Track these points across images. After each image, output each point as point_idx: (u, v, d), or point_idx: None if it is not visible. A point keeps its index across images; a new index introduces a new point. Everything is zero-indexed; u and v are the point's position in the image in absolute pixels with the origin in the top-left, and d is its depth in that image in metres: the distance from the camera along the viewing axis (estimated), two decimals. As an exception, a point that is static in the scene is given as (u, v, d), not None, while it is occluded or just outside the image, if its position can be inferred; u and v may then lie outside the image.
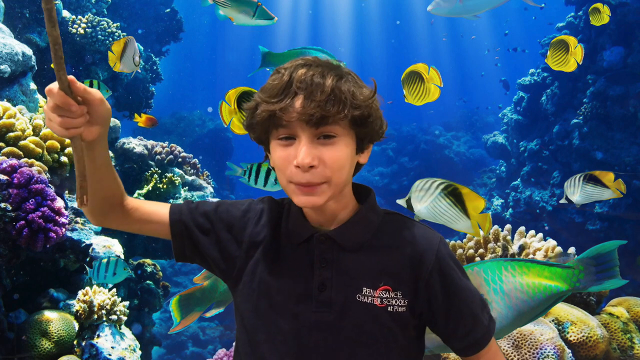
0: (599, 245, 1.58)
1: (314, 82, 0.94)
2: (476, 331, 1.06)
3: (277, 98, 0.95)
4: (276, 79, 0.98)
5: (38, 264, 3.26)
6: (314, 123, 0.94)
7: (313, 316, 1.01)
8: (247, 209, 1.13)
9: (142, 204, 1.16)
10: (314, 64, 0.99)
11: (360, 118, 0.97)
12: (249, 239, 1.10)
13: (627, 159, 7.45)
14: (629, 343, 2.43)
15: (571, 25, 8.43)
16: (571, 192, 2.78)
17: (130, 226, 1.15)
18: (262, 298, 1.05)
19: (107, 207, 1.12)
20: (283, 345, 1.02)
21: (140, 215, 1.14)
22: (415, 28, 29.82)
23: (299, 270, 1.04)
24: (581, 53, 3.09)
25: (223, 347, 2.78)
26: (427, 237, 1.06)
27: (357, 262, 1.03)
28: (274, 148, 1.01)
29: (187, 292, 2.34)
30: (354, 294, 1.01)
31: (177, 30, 8.94)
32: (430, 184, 1.91)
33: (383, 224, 1.08)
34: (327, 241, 1.04)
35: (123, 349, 2.90)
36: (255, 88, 2.20)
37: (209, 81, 35.03)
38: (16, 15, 4.81)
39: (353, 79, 0.99)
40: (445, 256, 1.05)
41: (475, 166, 15.06)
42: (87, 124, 0.95)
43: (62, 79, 0.88)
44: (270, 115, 0.95)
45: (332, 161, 0.96)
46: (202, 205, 1.15)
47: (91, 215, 1.14)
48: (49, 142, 3.21)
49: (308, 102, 0.93)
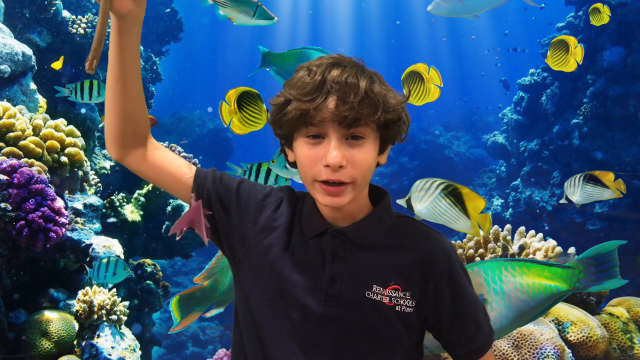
0: (599, 245, 1.58)
1: (348, 84, 0.94)
2: (479, 338, 1.08)
3: (310, 97, 0.95)
4: (307, 77, 0.97)
5: (38, 264, 3.26)
6: (346, 124, 0.94)
7: (321, 309, 1.01)
8: (268, 194, 1.14)
9: (165, 149, 1.15)
10: (347, 64, 0.99)
11: (390, 122, 0.98)
12: (264, 221, 1.09)
13: (627, 159, 7.45)
14: (629, 343, 2.43)
15: (571, 25, 8.43)
16: (571, 192, 2.78)
17: (150, 169, 1.11)
18: (272, 283, 1.05)
19: (131, 132, 1.08)
20: (289, 333, 1.02)
21: (162, 158, 1.12)
22: (415, 28, 29.82)
23: (309, 263, 1.04)
24: (581, 53, 3.09)
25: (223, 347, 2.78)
26: (439, 242, 1.07)
27: (369, 260, 1.04)
28: (300, 145, 1.01)
29: (187, 292, 2.34)
30: (364, 291, 1.02)
31: (177, 30, 8.94)
32: (430, 184, 1.91)
33: (395, 225, 1.08)
34: (341, 237, 1.04)
35: (123, 349, 2.90)
36: (255, 88, 2.20)
37: (209, 81, 35.03)
38: (16, 15, 4.81)
39: (380, 80, 1.00)
40: (456, 263, 1.07)
41: (475, 166, 15.05)
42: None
43: None
44: (303, 113, 0.95)
45: (361, 162, 0.97)
46: (226, 177, 1.14)
47: (113, 141, 1.09)
48: (49, 142, 3.21)
49: (342, 103, 0.93)
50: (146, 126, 1.11)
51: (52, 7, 5.09)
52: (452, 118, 18.60)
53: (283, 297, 1.04)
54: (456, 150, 16.07)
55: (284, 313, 1.03)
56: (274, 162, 2.28)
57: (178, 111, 16.54)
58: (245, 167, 2.42)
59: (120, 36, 1.01)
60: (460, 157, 15.89)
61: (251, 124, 2.21)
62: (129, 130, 1.08)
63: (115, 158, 1.12)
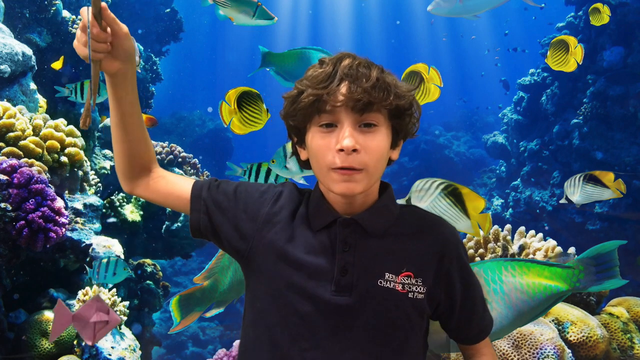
0: (599, 245, 1.58)
1: (360, 71, 0.97)
2: (485, 318, 1.14)
3: (323, 84, 0.98)
4: (320, 68, 1.01)
5: (38, 264, 3.26)
6: (359, 109, 0.96)
7: (332, 300, 1.01)
8: (265, 190, 1.15)
9: (168, 174, 1.21)
10: (357, 56, 1.03)
11: (402, 108, 1.00)
12: (264, 217, 1.10)
13: (627, 159, 7.45)
14: (629, 343, 2.43)
15: (571, 25, 8.43)
16: (571, 192, 2.78)
17: (157, 196, 1.19)
18: (277, 279, 1.05)
19: (137, 167, 1.17)
20: (298, 328, 1.01)
21: (166, 184, 1.18)
22: (415, 28, 29.82)
23: (318, 253, 1.04)
24: (581, 53, 3.09)
25: (223, 347, 2.78)
26: (448, 227, 1.11)
27: (380, 248, 1.04)
28: (313, 135, 1.02)
29: (187, 292, 2.33)
30: (376, 279, 1.02)
31: (177, 30, 8.94)
32: (430, 184, 1.91)
33: (402, 214, 1.10)
34: (351, 225, 1.04)
35: (123, 349, 2.90)
36: (255, 88, 2.20)
37: (209, 81, 35.03)
38: (16, 15, 4.81)
39: (389, 72, 1.03)
40: (463, 248, 1.11)
41: (475, 166, 15.05)
42: (109, 55, 1.02)
43: (95, 3, 0.95)
44: (316, 99, 0.97)
45: (374, 148, 0.98)
46: (223, 184, 1.17)
47: (123, 176, 1.19)
48: (49, 142, 3.21)
49: (355, 87, 0.96)
50: (151, 160, 1.19)
51: (52, 7, 5.09)
52: (452, 118, 18.60)
53: (291, 290, 1.03)
54: (456, 150, 16.07)
55: (292, 307, 1.02)
56: (274, 162, 2.28)
57: (178, 111, 16.53)
58: (245, 167, 2.42)
59: (114, 89, 1.08)
60: (460, 157, 15.90)
61: (251, 124, 2.21)
62: (135, 166, 1.17)
63: (126, 190, 1.22)
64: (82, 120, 1.03)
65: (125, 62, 1.05)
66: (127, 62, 1.06)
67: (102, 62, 1.02)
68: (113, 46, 1.02)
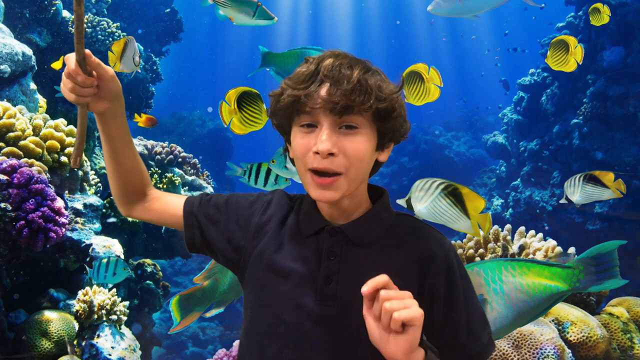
0: (599, 245, 1.58)
1: (341, 72, 0.95)
2: (472, 347, 1.02)
3: (304, 85, 0.96)
4: (304, 67, 0.99)
5: (38, 264, 3.26)
6: (338, 111, 0.94)
7: (317, 309, 1.00)
8: (255, 200, 1.15)
9: (163, 195, 1.23)
10: (342, 55, 1.00)
11: (384, 111, 0.97)
12: (254, 228, 1.10)
13: (627, 159, 7.45)
14: (629, 343, 2.43)
15: (571, 25, 8.43)
16: (571, 192, 2.78)
17: (152, 216, 1.22)
18: (266, 288, 1.04)
19: (133, 193, 1.20)
20: (284, 337, 1.01)
21: (160, 204, 1.21)
22: (415, 28, 29.83)
23: (305, 262, 1.03)
24: (581, 53, 3.09)
25: (223, 347, 2.78)
26: (439, 241, 1.05)
27: (366, 258, 1.02)
28: (294, 135, 1.00)
29: (187, 292, 2.34)
30: (360, 290, 0.99)
31: (177, 30, 8.94)
32: (430, 184, 1.91)
33: (395, 224, 1.07)
34: (338, 234, 1.03)
35: (123, 349, 2.90)
36: (255, 88, 2.20)
37: (209, 81, 35.06)
38: (16, 15, 4.81)
39: (379, 73, 1.00)
40: (454, 264, 1.03)
41: (475, 166, 15.06)
42: (96, 97, 1.05)
43: (79, 51, 0.97)
44: (295, 100, 0.96)
45: (352, 151, 0.96)
46: (215, 197, 1.18)
47: (119, 202, 1.22)
48: (49, 142, 3.21)
49: (334, 90, 0.93)
50: (145, 185, 1.22)
51: (52, 7, 5.09)
52: (452, 118, 18.61)
53: (278, 300, 1.02)
54: (456, 150, 16.08)
55: (279, 317, 1.02)
56: (274, 162, 2.28)
57: (178, 111, 16.54)
58: (245, 167, 2.42)
59: (104, 126, 1.11)
60: (460, 157, 15.90)
61: (251, 124, 2.21)
62: (131, 192, 1.20)
63: (124, 214, 1.25)
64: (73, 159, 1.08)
65: (113, 101, 1.07)
66: (115, 101, 1.08)
67: (89, 104, 1.05)
68: (100, 88, 1.04)
